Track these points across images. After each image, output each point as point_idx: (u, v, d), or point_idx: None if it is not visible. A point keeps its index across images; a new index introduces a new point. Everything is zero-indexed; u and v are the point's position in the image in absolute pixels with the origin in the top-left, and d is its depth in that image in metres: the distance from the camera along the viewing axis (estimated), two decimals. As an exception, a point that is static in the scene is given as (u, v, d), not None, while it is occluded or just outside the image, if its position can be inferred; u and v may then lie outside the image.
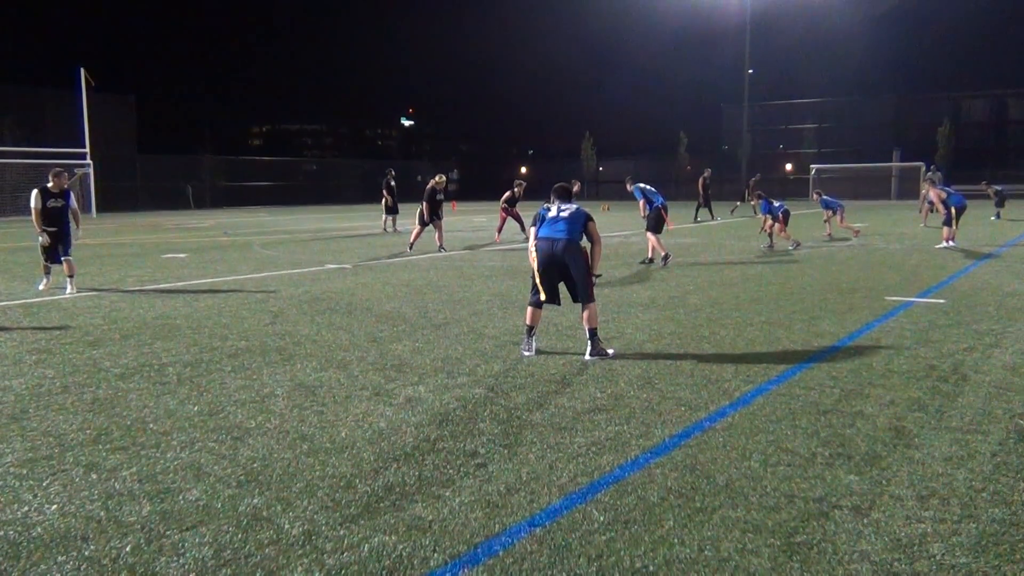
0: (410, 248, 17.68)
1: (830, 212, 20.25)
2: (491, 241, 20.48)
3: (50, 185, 11.64)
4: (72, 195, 12.00)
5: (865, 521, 3.68)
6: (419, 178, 66.39)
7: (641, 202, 15.11)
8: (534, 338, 7.29)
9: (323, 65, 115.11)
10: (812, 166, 57.61)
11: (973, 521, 3.67)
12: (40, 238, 11.63)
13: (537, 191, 28.58)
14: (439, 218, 18.06)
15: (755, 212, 24.49)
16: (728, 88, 71.45)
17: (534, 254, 7.18)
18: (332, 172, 69.83)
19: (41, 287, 11.84)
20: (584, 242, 7.23)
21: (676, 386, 6.04)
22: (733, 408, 5.47)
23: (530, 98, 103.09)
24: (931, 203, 26.80)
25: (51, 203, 11.60)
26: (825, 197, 20.54)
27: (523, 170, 76.30)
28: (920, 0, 77.49)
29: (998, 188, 29.08)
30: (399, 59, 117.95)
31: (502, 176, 74.75)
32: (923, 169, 44.62)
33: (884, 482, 4.14)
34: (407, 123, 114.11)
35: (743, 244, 18.97)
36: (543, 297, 7.18)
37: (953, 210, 17.49)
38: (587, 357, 6.99)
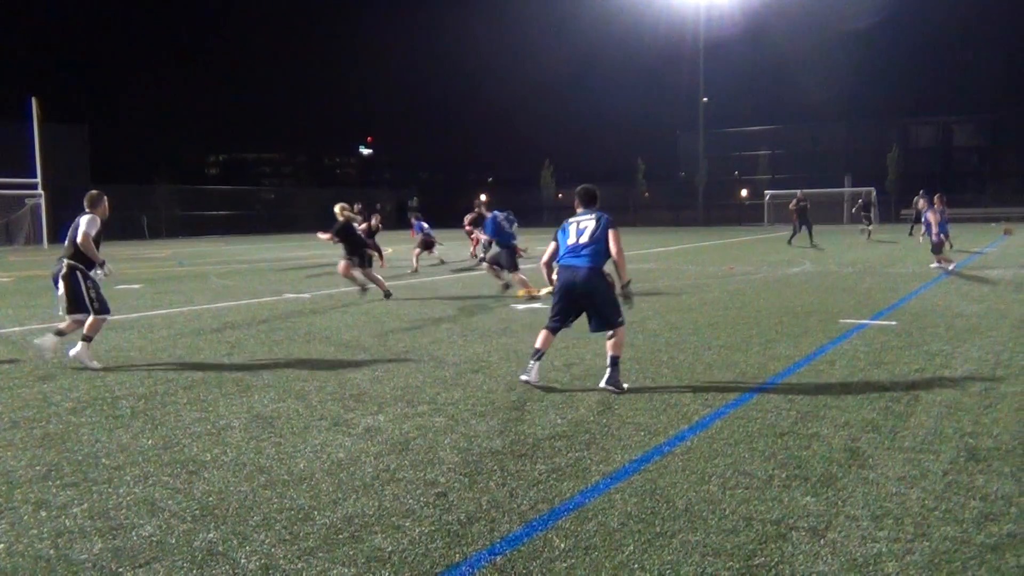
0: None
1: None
2: (460, 264, 20.47)
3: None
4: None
5: (822, 542, 3.73)
6: (377, 206, 66.15)
7: (484, 236, 13.83)
8: (539, 363, 6.94)
9: (281, 93, 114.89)
10: (766, 192, 58.62)
11: (926, 539, 3.74)
12: (104, 270, 8.56)
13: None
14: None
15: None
16: (684, 115, 72.72)
17: (555, 279, 6.89)
18: (290, 201, 69.35)
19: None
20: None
21: (635, 411, 6.08)
22: (692, 432, 5.51)
23: (489, 126, 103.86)
24: (927, 224, 27.37)
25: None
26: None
27: (483, 197, 76.53)
28: (868, 30, 79.75)
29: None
30: (357, 87, 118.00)
31: (461, 203, 74.80)
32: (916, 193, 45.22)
33: (840, 503, 4.20)
34: (366, 151, 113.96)
35: (700, 269, 19.20)
36: (556, 323, 6.89)
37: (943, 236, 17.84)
38: (602, 384, 6.71)
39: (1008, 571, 3.44)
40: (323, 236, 13.95)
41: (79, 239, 8.13)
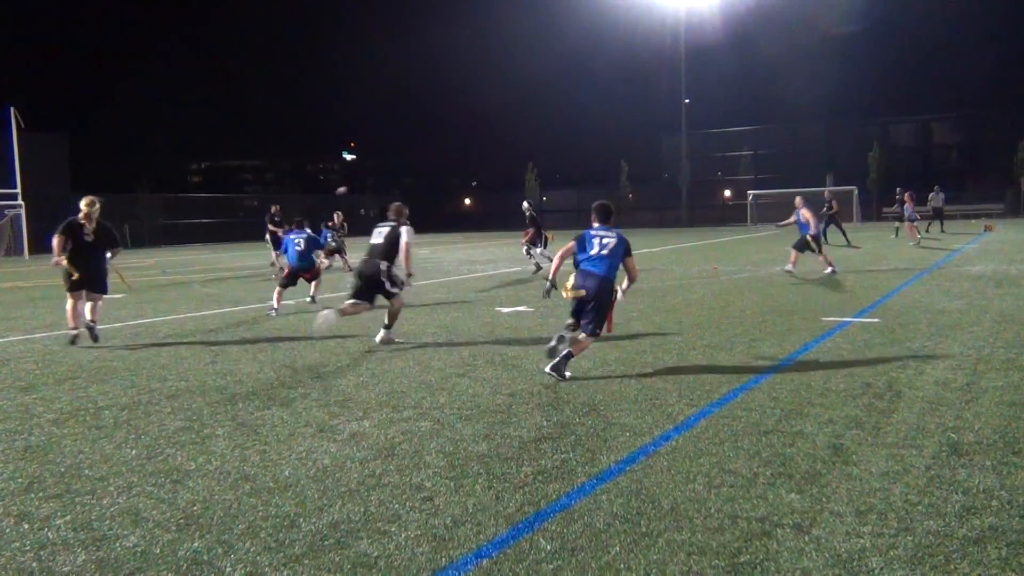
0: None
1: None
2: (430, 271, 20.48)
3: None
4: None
5: (806, 538, 3.75)
6: (361, 211, 66.05)
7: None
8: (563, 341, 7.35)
9: (263, 99, 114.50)
10: (749, 192, 58.85)
11: (909, 534, 3.77)
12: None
13: (482, 221, 28.61)
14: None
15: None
16: (666, 117, 72.82)
17: (571, 282, 7.36)
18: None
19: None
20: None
21: (621, 412, 6.09)
22: (677, 432, 5.53)
23: (472, 130, 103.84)
24: (912, 220, 27.28)
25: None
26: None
27: (467, 201, 76.44)
28: (848, 31, 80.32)
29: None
30: (340, 93, 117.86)
31: (446, 208, 74.69)
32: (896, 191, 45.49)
33: (824, 499, 4.22)
34: (349, 157, 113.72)
35: (684, 270, 19.26)
36: (570, 321, 7.51)
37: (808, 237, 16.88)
38: (546, 369, 7.23)
39: (990, 563, 3.47)
40: (57, 259, 10.75)
41: (404, 250, 9.58)
